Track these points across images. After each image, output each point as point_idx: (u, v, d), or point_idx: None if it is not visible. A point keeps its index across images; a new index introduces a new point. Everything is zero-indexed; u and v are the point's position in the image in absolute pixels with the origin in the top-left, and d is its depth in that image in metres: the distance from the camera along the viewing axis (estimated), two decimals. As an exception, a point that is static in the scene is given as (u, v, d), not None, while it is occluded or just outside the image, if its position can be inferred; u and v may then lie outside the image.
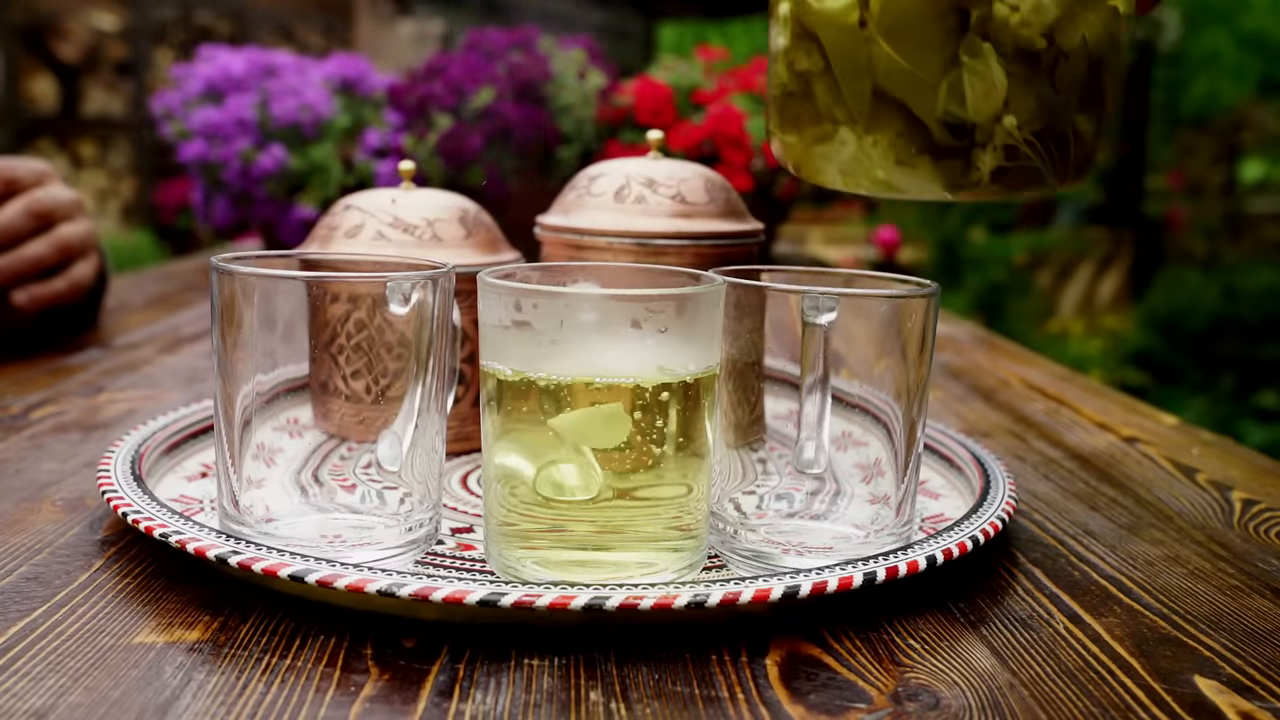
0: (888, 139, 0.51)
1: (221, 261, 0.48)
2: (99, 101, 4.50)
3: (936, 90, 0.50)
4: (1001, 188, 0.52)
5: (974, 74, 0.49)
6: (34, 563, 0.49)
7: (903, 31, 0.49)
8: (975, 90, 0.49)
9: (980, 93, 0.49)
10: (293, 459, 0.51)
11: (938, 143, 0.51)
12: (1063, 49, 0.50)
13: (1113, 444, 0.76)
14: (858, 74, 0.51)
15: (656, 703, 0.38)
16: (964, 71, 0.49)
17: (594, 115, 1.45)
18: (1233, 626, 0.46)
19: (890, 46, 0.49)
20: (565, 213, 0.65)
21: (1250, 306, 3.97)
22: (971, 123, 0.50)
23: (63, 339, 1.00)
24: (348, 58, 1.59)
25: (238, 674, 0.40)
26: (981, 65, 0.49)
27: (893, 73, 0.50)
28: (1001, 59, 0.49)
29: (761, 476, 0.51)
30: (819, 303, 0.48)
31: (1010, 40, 0.49)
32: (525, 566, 0.46)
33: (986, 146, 0.51)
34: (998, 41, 0.49)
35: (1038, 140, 0.51)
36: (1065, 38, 0.49)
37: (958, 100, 0.50)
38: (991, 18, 0.49)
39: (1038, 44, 0.49)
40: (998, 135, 0.50)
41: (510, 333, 0.45)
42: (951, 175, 0.51)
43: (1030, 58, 0.49)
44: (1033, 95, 0.50)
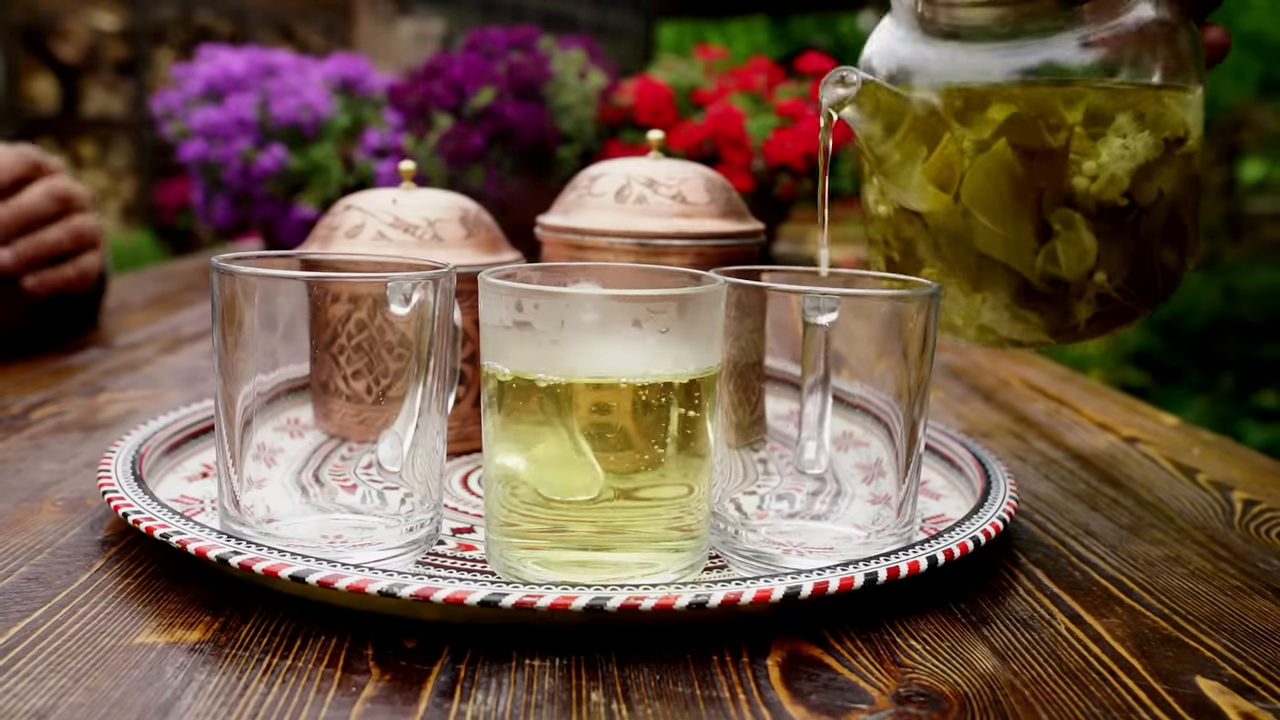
0: (992, 295, 0.55)
1: (222, 261, 0.48)
2: (99, 101, 4.50)
3: (1033, 255, 0.53)
4: (1098, 328, 0.56)
5: (1066, 241, 0.53)
6: (34, 563, 0.49)
7: (994, 206, 0.53)
8: (1069, 254, 0.53)
9: (1074, 256, 0.53)
10: (293, 459, 0.51)
11: (1037, 295, 0.54)
12: (1142, 206, 0.53)
13: (1113, 444, 0.76)
14: (958, 242, 0.55)
15: (658, 703, 0.38)
16: (1056, 239, 0.53)
17: (594, 115, 1.45)
18: (1234, 627, 0.46)
19: (985, 219, 0.53)
20: (566, 213, 0.65)
21: (1250, 306, 3.97)
22: (1066, 280, 0.54)
23: (63, 338, 1.00)
24: (348, 58, 1.59)
25: (239, 674, 0.40)
26: (1073, 234, 0.52)
27: (991, 240, 0.54)
28: (1088, 222, 0.52)
29: (762, 477, 0.51)
30: (819, 303, 0.48)
31: (1092, 205, 0.52)
32: (526, 567, 0.46)
33: (1081, 298, 0.54)
34: (1082, 208, 0.52)
35: (1127, 285, 0.55)
36: (1143, 195, 0.53)
37: (1054, 263, 0.53)
38: (1073, 190, 0.52)
39: (1119, 203, 0.52)
40: (1089, 289, 0.54)
41: (511, 333, 0.45)
42: (1052, 324, 0.56)
43: (1114, 216, 0.53)
44: (1119, 250, 0.53)
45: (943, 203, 0.54)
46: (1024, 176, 0.53)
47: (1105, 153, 0.52)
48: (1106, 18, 0.52)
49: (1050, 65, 0.52)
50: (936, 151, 0.52)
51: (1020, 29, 0.52)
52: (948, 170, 0.53)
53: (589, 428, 0.45)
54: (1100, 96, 0.52)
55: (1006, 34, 0.52)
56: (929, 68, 0.54)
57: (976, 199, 0.53)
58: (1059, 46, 0.52)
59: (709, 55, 1.63)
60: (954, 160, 0.52)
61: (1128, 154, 0.51)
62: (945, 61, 0.54)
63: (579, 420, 0.45)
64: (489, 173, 1.37)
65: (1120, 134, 0.52)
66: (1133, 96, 0.52)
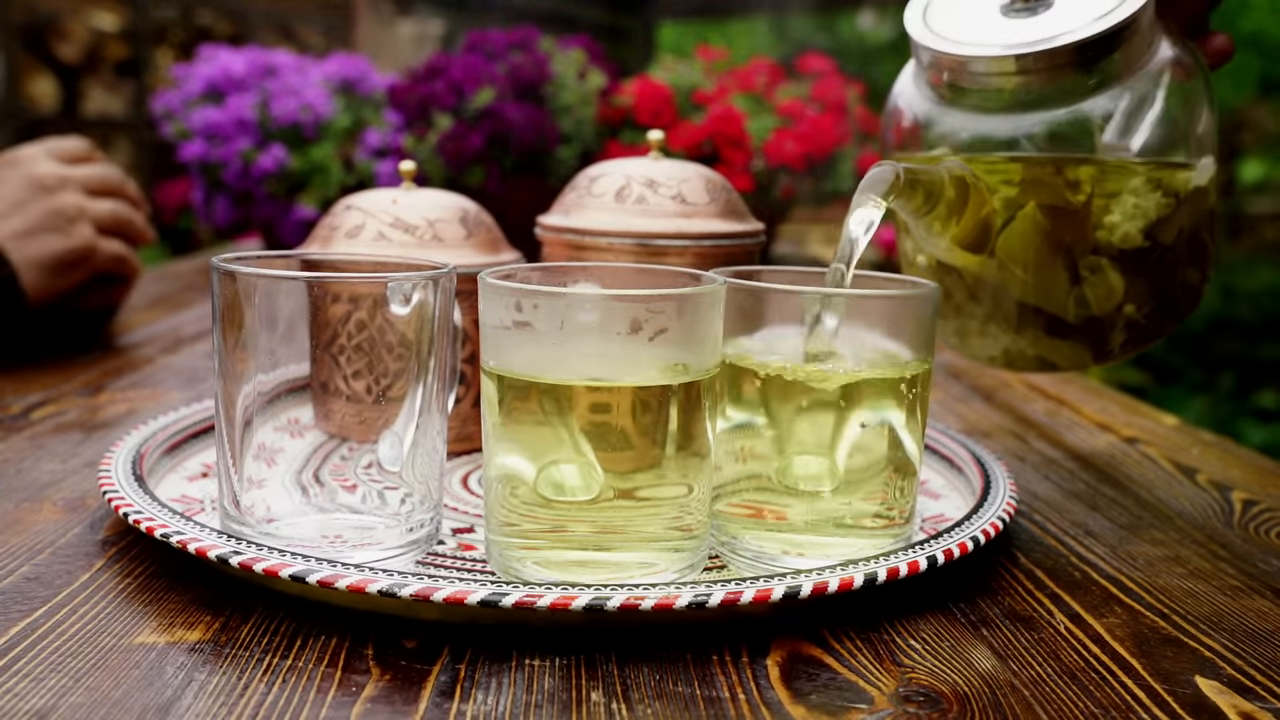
0: (1031, 332, 0.59)
1: (222, 262, 0.48)
2: (99, 101, 4.49)
3: (1066, 298, 0.57)
4: (1131, 348, 0.60)
5: (1094, 284, 0.56)
6: (35, 563, 0.49)
7: (1028, 260, 0.57)
8: (1098, 294, 0.56)
9: (1103, 295, 0.57)
10: (294, 459, 0.51)
11: (1073, 329, 0.58)
12: (1164, 245, 0.56)
13: (1113, 444, 0.76)
14: (996, 291, 0.59)
15: (658, 703, 0.38)
16: (1085, 284, 0.56)
17: (594, 115, 1.45)
18: (1233, 627, 0.46)
19: (1020, 271, 0.57)
20: (566, 213, 0.65)
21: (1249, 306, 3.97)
22: (1098, 316, 0.58)
23: (65, 341, 1.00)
24: (348, 58, 1.58)
25: (239, 674, 0.40)
26: (1100, 277, 0.56)
27: (1026, 289, 0.58)
28: (1114, 264, 0.56)
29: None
30: (819, 303, 0.48)
31: (1116, 250, 0.56)
32: (526, 567, 0.46)
33: (1114, 329, 0.58)
34: (1106, 253, 0.56)
35: (1154, 312, 0.58)
36: (1164, 235, 0.56)
37: (1084, 304, 0.57)
38: (1097, 240, 0.56)
39: (1142, 245, 0.56)
40: (1120, 321, 0.58)
41: (511, 333, 0.45)
42: (1091, 350, 0.59)
43: (1137, 257, 0.56)
44: (1145, 284, 0.57)
45: (977, 260, 0.57)
46: (1052, 232, 0.55)
47: (1119, 212, 0.54)
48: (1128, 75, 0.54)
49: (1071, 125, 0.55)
50: (969, 214, 0.55)
51: (1043, 96, 0.54)
52: (982, 231, 0.56)
53: (589, 428, 0.45)
54: (1111, 169, 0.55)
55: (1031, 101, 0.55)
56: (953, 130, 0.57)
57: (1011, 255, 0.56)
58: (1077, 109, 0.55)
59: (709, 55, 1.63)
60: (989, 219, 0.55)
61: (1139, 212, 0.54)
62: (969, 125, 0.57)
63: (579, 420, 0.45)
64: (489, 173, 1.37)
65: (1134, 194, 0.54)
66: (1143, 167, 0.55)
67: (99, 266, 0.94)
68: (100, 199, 0.95)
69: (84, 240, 0.91)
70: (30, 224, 0.88)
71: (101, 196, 0.95)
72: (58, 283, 0.90)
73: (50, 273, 0.89)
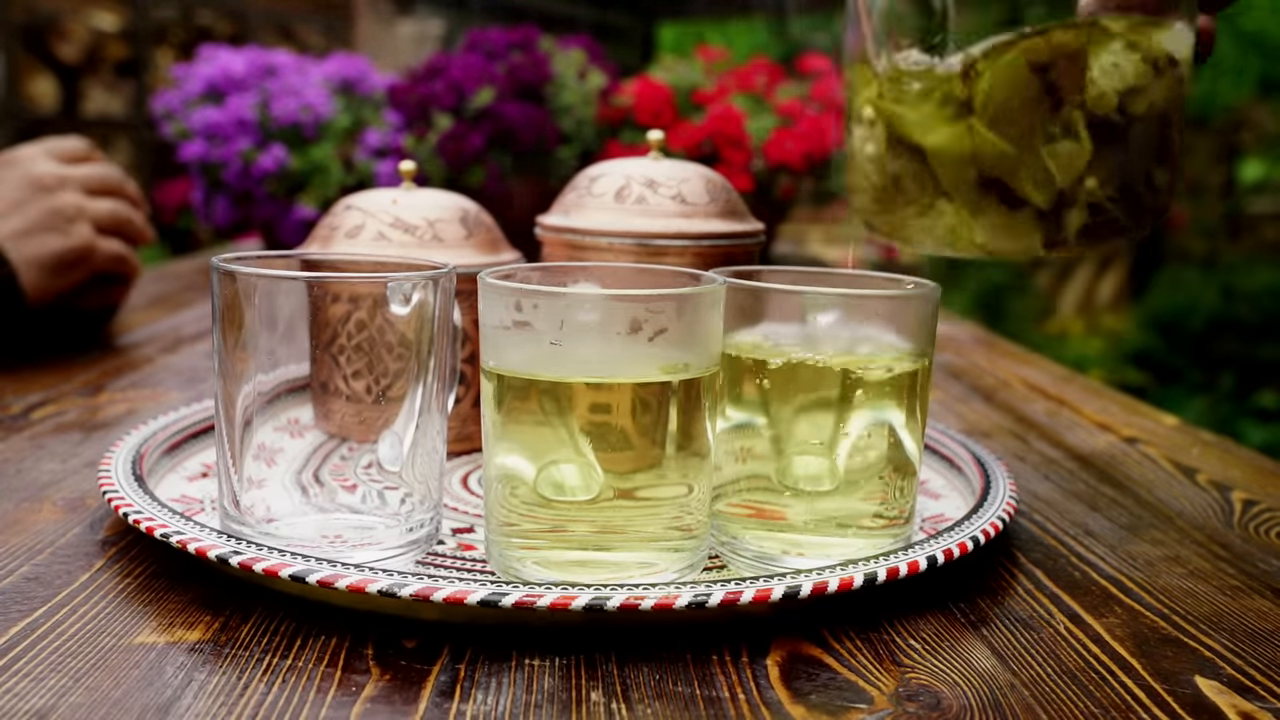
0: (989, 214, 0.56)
1: (222, 262, 0.48)
2: (99, 101, 4.49)
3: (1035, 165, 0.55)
4: (1088, 241, 0.57)
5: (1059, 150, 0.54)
6: (35, 563, 0.49)
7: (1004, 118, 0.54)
8: (1062, 160, 0.54)
9: (1066, 160, 0.54)
10: (293, 459, 0.51)
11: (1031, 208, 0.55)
12: (1135, 116, 0.54)
13: (1113, 444, 0.76)
14: (960, 165, 0.56)
15: (658, 703, 0.38)
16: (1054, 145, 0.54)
17: (594, 115, 1.45)
18: (1233, 627, 0.46)
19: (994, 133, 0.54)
20: (565, 213, 0.65)
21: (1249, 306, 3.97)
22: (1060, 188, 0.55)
23: (65, 341, 1.00)
24: (348, 58, 1.58)
25: (239, 674, 0.40)
26: (1070, 136, 0.54)
27: (996, 157, 0.55)
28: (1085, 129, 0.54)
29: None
30: (819, 302, 0.48)
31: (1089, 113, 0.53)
32: (526, 567, 0.46)
33: (1073, 207, 0.55)
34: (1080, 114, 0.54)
35: (1118, 195, 0.56)
36: (1135, 106, 0.54)
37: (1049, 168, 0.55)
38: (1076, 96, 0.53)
39: (1112, 114, 0.54)
40: (1081, 196, 0.55)
41: (511, 333, 0.45)
42: (1045, 235, 0.56)
43: (1107, 125, 0.54)
44: (1111, 159, 0.55)
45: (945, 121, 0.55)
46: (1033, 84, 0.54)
47: (1097, 68, 0.53)
48: None
49: None
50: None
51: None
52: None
53: (588, 428, 0.45)
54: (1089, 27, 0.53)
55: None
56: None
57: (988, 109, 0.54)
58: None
59: (709, 55, 1.63)
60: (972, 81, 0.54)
61: (1117, 73, 0.53)
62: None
63: (578, 420, 0.45)
64: (489, 173, 1.37)
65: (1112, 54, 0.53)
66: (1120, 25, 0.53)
67: (98, 266, 0.94)
68: (99, 199, 0.95)
69: (83, 240, 0.91)
70: (29, 224, 0.88)
71: (101, 196, 0.95)
72: (57, 282, 0.90)
73: (49, 272, 0.89)
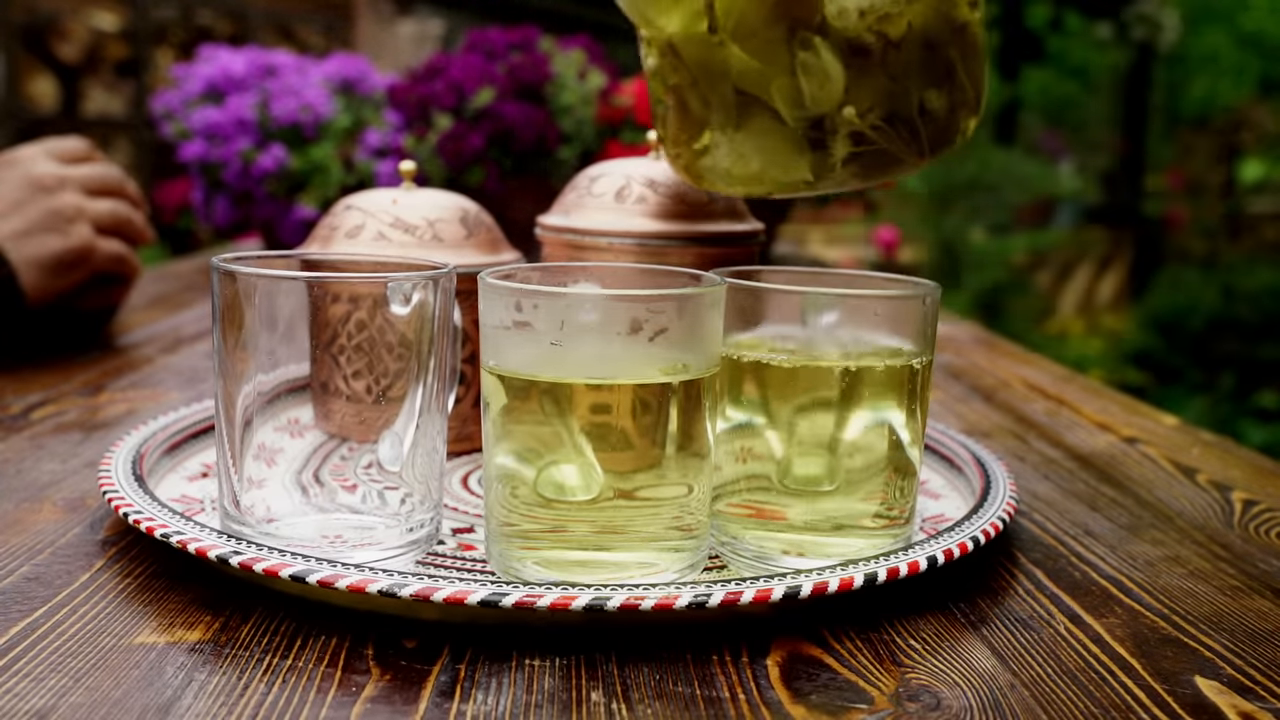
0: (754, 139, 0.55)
1: (222, 262, 0.48)
2: (99, 101, 4.49)
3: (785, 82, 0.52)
4: (860, 170, 0.55)
5: (808, 69, 0.52)
6: (35, 563, 0.49)
7: (749, 33, 0.52)
8: (812, 82, 0.52)
9: (817, 85, 0.52)
10: (294, 459, 0.51)
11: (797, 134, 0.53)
12: (891, 40, 0.52)
13: (1113, 444, 0.76)
14: (716, 78, 0.54)
15: (658, 703, 0.38)
16: (799, 67, 0.52)
17: (594, 115, 1.45)
18: (1233, 627, 0.46)
19: (740, 48, 0.52)
20: (566, 213, 0.65)
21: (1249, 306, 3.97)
22: (817, 114, 0.53)
23: (65, 341, 1.00)
24: (348, 58, 1.58)
25: (239, 674, 0.40)
26: (814, 59, 0.52)
27: (746, 72, 0.53)
28: (836, 52, 0.51)
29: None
30: (819, 302, 0.48)
31: (840, 36, 0.51)
32: (526, 567, 0.46)
33: (836, 135, 0.53)
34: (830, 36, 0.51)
35: (885, 124, 0.53)
36: (893, 28, 0.52)
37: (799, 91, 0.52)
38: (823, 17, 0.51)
39: (866, 38, 0.51)
40: (841, 125, 0.53)
41: (511, 333, 0.45)
42: (814, 165, 0.55)
43: (861, 50, 0.52)
44: (869, 85, 0.52)
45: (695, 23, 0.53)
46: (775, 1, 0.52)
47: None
48: None
49: None
50: None
51: None
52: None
53: (589, 428, 0.45)
54: None
55: None
56: None
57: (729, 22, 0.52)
58: None
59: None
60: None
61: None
62: None
63: (579, 420, 0.45)
64: (489, 173, 1.37)
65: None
66: None
67: (98, 266, 0.94)
68: (99, 199, 0.95)
69: (83, 240, 0.91)
70: (29, 224, 0.88)
71: (101, 196, 0.95)
72: (57, 283, 0.90)
73: (49, 273, 0.89)
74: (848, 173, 0.55)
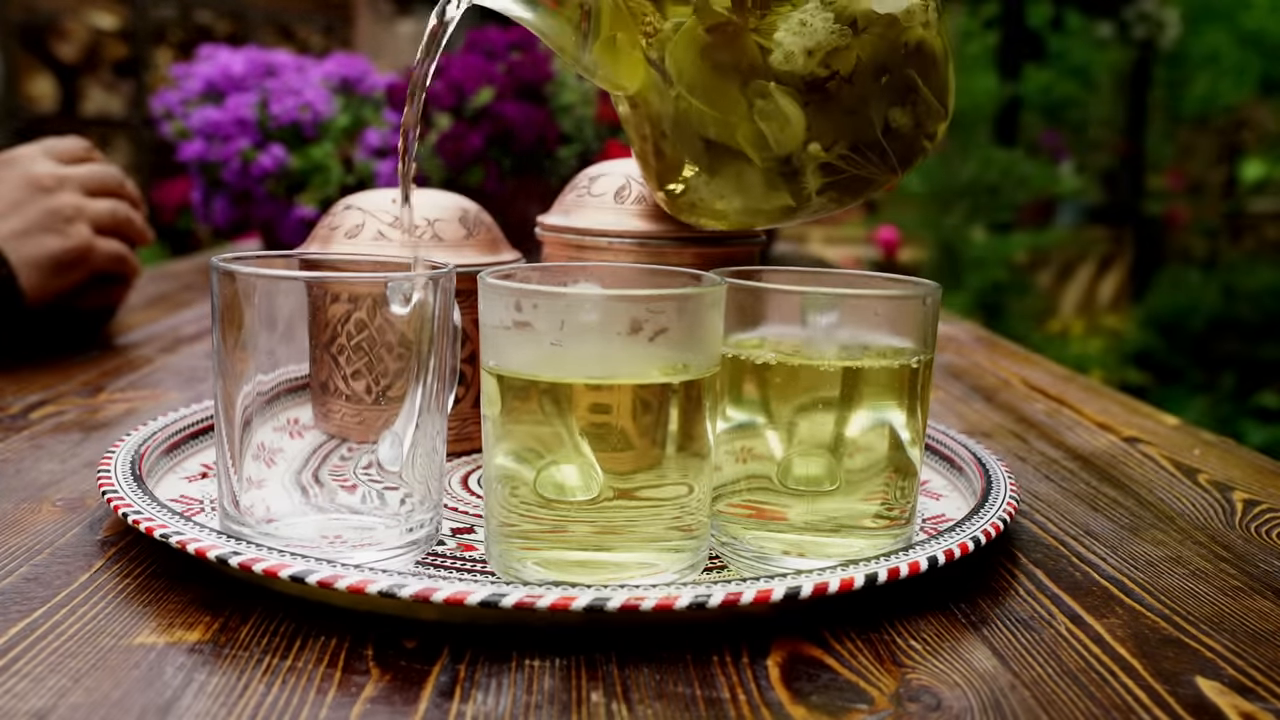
0: (730, 179, 0.55)
1: (222, 261, 0.48)
2: (99, 101, 4.49)
3: (747, 128, 0.53)
4: (837, 195, 0.55)
5: (765, 115, 0.52)
6: (34, 563, 0.49)
7: (698, 86, 0.53)
8: (772, 127, 0.52)
9: (778, 129, 0.52)
10: (293, 459, 0.51)
11: (770, 173, 0.54)
12: (842, 75, 0.52)
13: (1114, 444, 0.76)
14: (683, 128, 0.55)
15: (658, 703, 0.38)
16: (756, 115, 0.52)
17: (594, 115, 1.45)
18: (1234, 627, 0.46)
19: (698, 100, 0.53)
20: (566, 213, 0.65)
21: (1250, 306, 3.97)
22: (784, 155, 0.53)
23: (65, 341, 1.00)
24: (348, 58, 1.58)
25: (238, 675, 0.39)
26: (771, 105, 0.52)
27: (708, 122, 0.54)
28: (791, 95, 0.52)
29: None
30: (819, 302, 0.48)
31: (793, 78, 0.52)
32: (526, 567, 0.46)
33: (806, 170, 0.54)
34: (785, 81, 0.52)
35: (851, 154, 0.54)
36: (842, 64, 0.52)
37: (761, 137, 0.53)
38: (770, 65, 0.51)
39: (819, 73, 0.51)
40: (809, 160, 0.53)
41: (511, 333, 0.45)
42: (791, 194, 0.55)
43: (817, 86, 0.52)
44: (829, 120, 0.53)
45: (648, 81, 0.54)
46: (715, 48, 0.52)
47: (784, 28, 0.51)
48: None
49: None
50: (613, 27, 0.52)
51: None
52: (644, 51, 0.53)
53: (589, 428, 0.45)
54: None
55: None
56: None
57: (682, 79, 0.53)
58: None
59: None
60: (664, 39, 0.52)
61: (807, 32, 0.50)
62: None
63: (579, 420, 0.45)
64: (489, 173, 1.37)
65: (802, 12, 0.51)
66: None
67: (97, 266, 0.94)
68: (98, 199, 0.95)
69: (81, 240, 0.91)
70: (28, 224, 0.88)
71: (100, 196, 0.95)
72: (56, 283, 0.90)
73: (48, 273, 0.89)
74: (825, 199, 0.56)
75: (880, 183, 0.55)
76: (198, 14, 4.80)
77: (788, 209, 0.56)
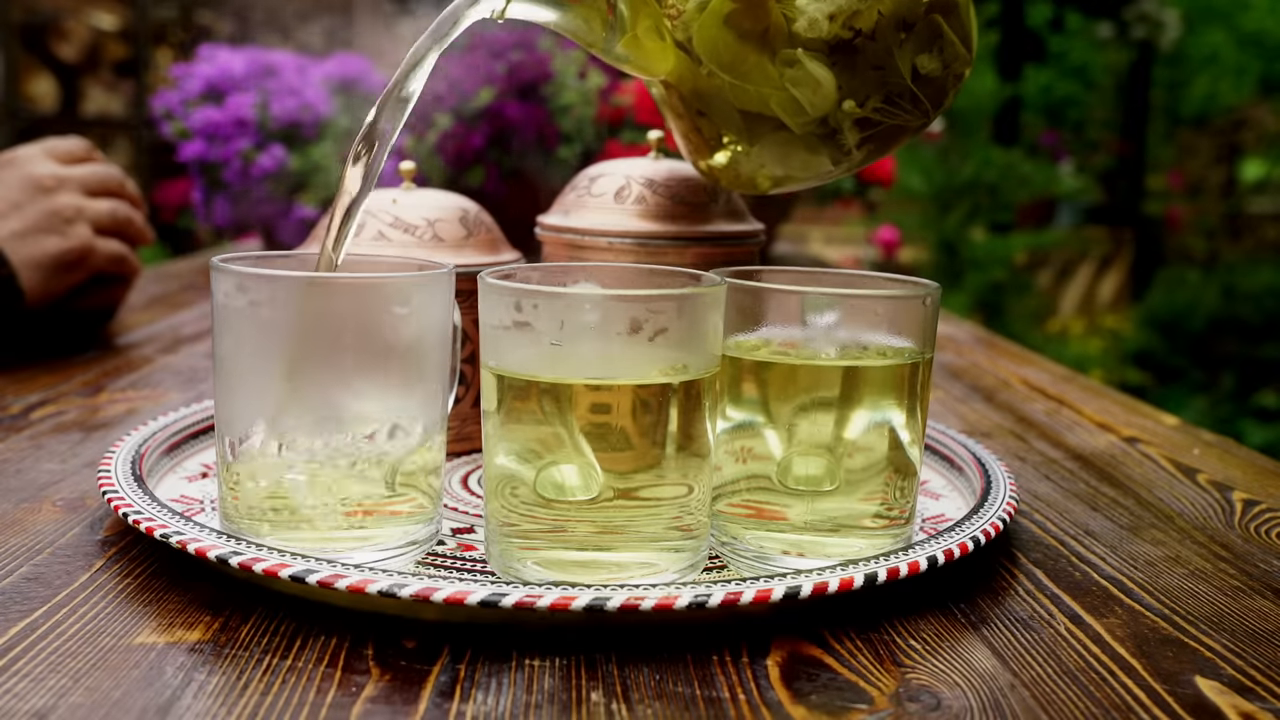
0: (770, 147, 0.57)
1: (222, 261, 0.48)
2: (99, 101, 4.49)
3: (780, 97, 0.54)
4: (876, 147, 0.57)
5: (797, 81, 0.53)
6: (34, 563, 0.49)
7: (728, 61, 0.54)
8: (805, 93, 0.53)
9: (810, 93, 0.53)
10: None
11: (806, 136, 0.55)
12: (865, 32, 0.53)
13: (1113, 444, 0.76)
14: (718, 103, 0.56)
15: (658, 703, 0.38)
16: (788, 82, 0.53)
17: (594, 115, 1.45)
18: (1234, 627, 0.46)
19: (729, 76, 0.54)
20: (565, 213, 0.65)
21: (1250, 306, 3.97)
22: (820, 117, 0.54)
23: (65, 341, 1.00)
24: (348, 57, 1.58)
25: (238, 674, 0.39)
26: (800, 72, 0.53)
27: (741, 95, 0.55)
28: (819, 58, 0.53)
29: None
30: (819, 302, 0.48)
31: (818, 42, 0.53)
32: (526, 567, 0.46)
33: (842, 129, 0.55)
34: (810, 46, 0.53)
35: (886, 105, 0.55)
36: (864, 22, 0.53)
37: (796, 103, 0.54)
38: (795, 32, 0.53)
39: (843, 35, 0.52)
40: (845, 118, 0.55)
41: (511, 333, 0.45)
42: (831, 156, 0.57)
43: (843, 46, 0.53)
44: (860, 76, 0.54)
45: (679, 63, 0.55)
46: (745, 28, 0.53)
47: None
48: None
49: None
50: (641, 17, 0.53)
51: None
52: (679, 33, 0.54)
53: (588, 428, 0.45)
54: None
55: None
56: None
57: (711, 56, 0.54)
58: None
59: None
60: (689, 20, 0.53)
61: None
62: None
63: (579, 420, 0.45)
64: (489, 173, 1.37)
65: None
66: None
67: (97, 267, 0.94)
68: (99, 199, 0.95)
69: (82, 240, 0.91)
70: (28, 224, 0.88)
71: (100, 196, 0.95)
72: (56, 283, 0.90)
73: (48, 273, 0.89)
74: (864, 152, 0.57)
75: (917, 128, 0.56)
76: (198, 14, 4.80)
77: (830, 167, 0.57)
